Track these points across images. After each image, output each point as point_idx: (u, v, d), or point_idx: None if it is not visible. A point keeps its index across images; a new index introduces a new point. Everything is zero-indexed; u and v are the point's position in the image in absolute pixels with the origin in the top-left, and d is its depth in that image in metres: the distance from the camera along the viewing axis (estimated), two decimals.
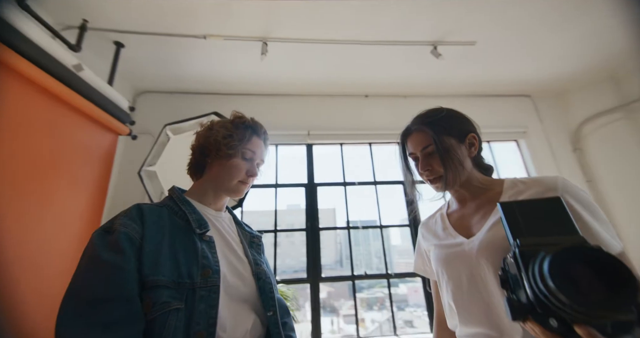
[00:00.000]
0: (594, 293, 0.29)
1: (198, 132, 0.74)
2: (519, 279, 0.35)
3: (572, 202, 0.49)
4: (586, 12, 1.87)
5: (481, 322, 0.53)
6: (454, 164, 0.63)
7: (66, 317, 0.42)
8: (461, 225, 0.65)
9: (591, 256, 0.30)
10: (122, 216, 0.54)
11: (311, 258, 2.30)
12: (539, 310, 0.33)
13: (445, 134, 0.65)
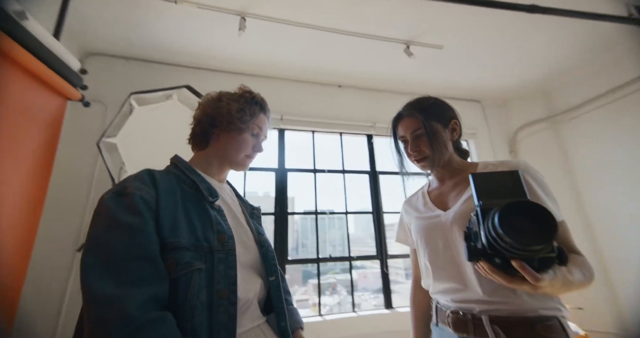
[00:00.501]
0: (528, 235, 0.38)
1: (203, 102, 0.72)
2: (478, 231, 0.45)
3: (530, 179, 0.61)
4: (531, 33, 2.17)
5: (451, 278, 0.63)
6: (440, 146, 0.72)
7: (93, 276, 0.41)
8: (440, 200, 0.75)
9: (528, 209, 0.39)
10: (134, 180, 0.53)
11: (278, 242, 2.33)
12: (489, 251, 0.43)
13: (432, 120, 0.74)
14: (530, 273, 0.40)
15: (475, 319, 0.57)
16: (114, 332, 0.37)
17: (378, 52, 2.37)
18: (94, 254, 0.43)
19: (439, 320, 0.67)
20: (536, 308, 0.54)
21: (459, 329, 0.60)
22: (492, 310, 0.56)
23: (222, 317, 0.48)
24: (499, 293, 0.55)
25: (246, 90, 0.73)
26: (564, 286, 0.46)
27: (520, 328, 0.53)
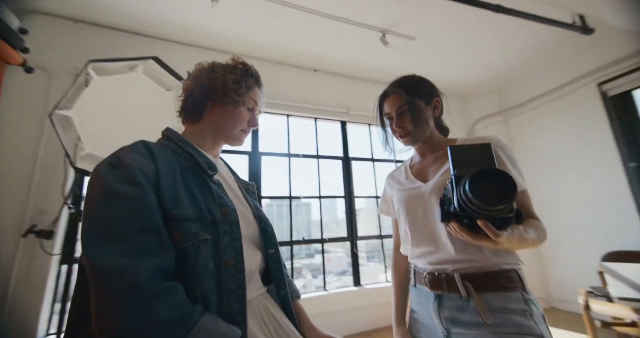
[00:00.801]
0: (493, 197, 0.43)
1: (195, 73, 0.66)
2: (451, 197, 0.50)
3: (500, 152, 0.67)
4: (491, 34, 2.35)
5: (427, 243, 0.70)
6: (422, 122, 0.76)
7: (97, 247, 0.39)
8: (420, 173, 0.80)
9: (493, 175, 0.44)
10: (129, 151, 0.50)
11: None
12: (459, 213, 0.48)
13: (416, 97, 0.76)
14: (492, 230, 0.46)
15: (448, 277, 0.65)
16: (124, 302, 0.36)
17: (355, 38, 2.39)
18: (94, 227, 0.41)
19: (417, 282, 0.74)
20: (498, 264, 0.62)
21: (435, 287, 0.67)
22: (463, 268, 0.64)
23: (231, 285, 0.48)
24: (468, 252, 0.63)
25: (239, 61, 0.69)
26: (520, 242, 0.53)
27: (486, 282, 0.61)
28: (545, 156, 2.84)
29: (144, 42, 2.18)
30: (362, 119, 2.89)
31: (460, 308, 0.62)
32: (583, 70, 2.50)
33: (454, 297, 0.63)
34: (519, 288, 0.61)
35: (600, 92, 2.40)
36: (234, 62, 0.68)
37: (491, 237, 0.47)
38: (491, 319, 0.58)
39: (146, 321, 0.36)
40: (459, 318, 0.62)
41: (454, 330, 0.62)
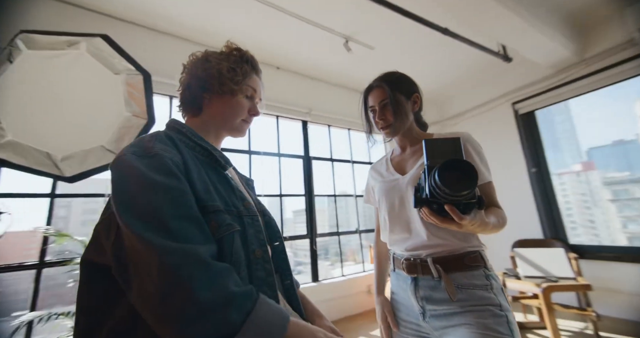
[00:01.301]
0: (458, 184, 0.49)
1: (189, 65, 0.63)
2: (424, 185, 0.56)
3: (470, 147, 0.75)
4: (437, 50, 2.68)
5: (403, 230, 0.77)
6: (402, 115, 0.81)
7: (150, 232, 0.37)
8: (399, 166, 0.86)
9: (459, 165, 0.49)
10: (154, 141, 0.48)
11: None
12: (430, 199, 0.54)
13: (397, 91, 0.82)
14: (457, 213, 0.52)
15: (422, 262, 0.73)
16: (197, 277, 0.36)
17: (320, 41, 2.45)
18: (138, 214, 0.39)
19: (396, 267, 0.82)
20: (465, 247, 0.71)
21: (411, 271, 0.75)
22: (434, 253, 0.72)
23: (261, 273, 0.50)
24: (438, 237, 0.71)
25: (233, 47, 0.65)
26: (481, 226, 0.59)
27: (454, 263, 0.70)
28: None
29: (82, 15, 1.88)
30: (323, 119, 2.97)
31: (433, 287, 0.71)
32: (502, 91, 3.02)
33: (428, 279, 0.72)
34: (481, 267, 0.70)
35: (514, 110, 2.94)
36: (228, 49, 0.65)
37: (456, 220, 0.53)
38: (459, 295, 0.67)
39: (220, 293, 0.37)
40: (432, 296, 0.71)
41: (428, 307, 0.71)
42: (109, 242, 0.43)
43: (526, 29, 2.00)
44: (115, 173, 0.44)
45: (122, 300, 0.42)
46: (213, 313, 0.35)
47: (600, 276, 2.25)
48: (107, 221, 0.46)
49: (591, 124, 2.95)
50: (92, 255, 0.47)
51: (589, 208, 8.38)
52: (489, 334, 0.60)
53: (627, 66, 2.20)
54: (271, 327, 0.38)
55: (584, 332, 2.04)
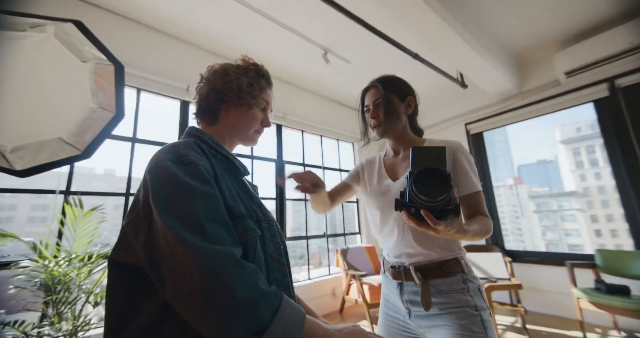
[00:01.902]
0: (431, 191, 0.51)
1: (209, 76, 0.65)
2: (406, 190, 0.57)
3: (461, 157, 0.76)
4: (406, 69, 2.94)
5: (390, 232, 0.80)
6: (393, 115, 0.82)
7: (187, 234, 0.40)
8: (391, 170, 0.87)
9: (434, 173, 0.52)
10: (188, 149, 0.51)
11: None
12: (409, 203, 0.56)
13: (390, 92, 0.84)
14: (431, 218, 0.53)
15: (405, 269, 0.77)
16: (235, 277, 0.40)
17: (299, 49, 2.53)
18: (177, 217, 0.42)
19: (385, 270, 0.86)
20: (444, 255, 0.74)
21: (396, 278, 0.79)
22: (416, 262, 0.76)
23: (277, 275, 0.54)
24: (419, 245, 0.75)
25: (251, 62, 0.69)
26: (459, 232, 0.59)
27: (433, 271, 0.73)
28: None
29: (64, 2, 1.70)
30: (297, 124, 3.03)
31: (416, 292, 0.75)
32: (458, 112, 3.40)
33: (411, 284, 0.76)
34: (459, 272, 0.74)
35: (466, 130, 3.32)
36: (245, 63, 0.69)
37: (430, 225, 0.54)
38: (439, 299, 0.71)
39: (254, 292, 0.41)
40: (415, 300, 0.75)
41: (413, 309, 0.76)
42: (139, 242, 0.45)
43: (481, 62, 2.32)
44: (155, 177, 0.46)
45: (152, 297, 0.44)
46: (248, 310, 0.39)
47: (528, 277, 2.64)
48: (135, 221, 0.47)
49: (522, 145, 3.46)
50: (120, 255, 0.48)
51: (518, 217, 9.62)
52: (465, 334, 0.66)
53: (553, 101, 2.66)
54: (294, 323, 0.43)
55: (514, 325, 2.37)
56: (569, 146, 16.74)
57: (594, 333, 2.14)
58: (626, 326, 2.16)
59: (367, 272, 2.73)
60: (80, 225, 1.31)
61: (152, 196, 0.44)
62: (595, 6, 2.13)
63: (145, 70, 2.09)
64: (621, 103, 2.31)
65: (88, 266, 1.31)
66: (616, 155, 2.34)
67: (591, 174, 16.36)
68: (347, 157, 3.82)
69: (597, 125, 2.48)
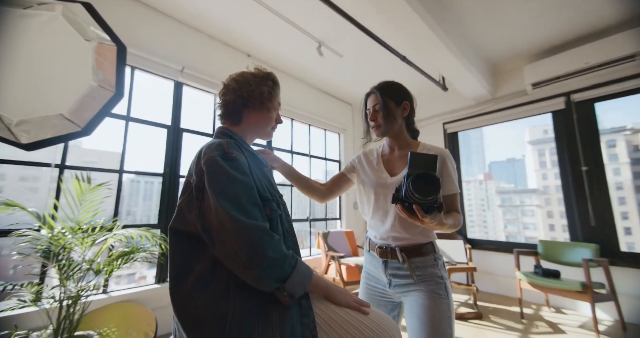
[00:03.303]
0: (425, 191, 0.66)
1: (232, 84, 0.78)
2: (402, 187, 0.71)
3: (449, 163, 0.90)
4: (389, 70, 3.11)
5: (380, 218, 0.95)
6: (390, 118, 0.94)
7: (236, 213, 0.56)
8: (388, 165, 0.99)
9: (428, 177, 0.67)
10: (230, 147, 0.65)
11: (165, 204, 2.18)
12: (404, 198, 0.71)
13: (387, 97, 0.95)
14: (420, 212, 0.69)
15: (392, 249, 0.91)
16: (268, 243, 0.56)
17: (295, 40, 2.60)
18: (227, 200, 0.58)
19: (370, 249, 0.99)
20: (422, 240, 0.90)
21: (383, 256, 0.94)
22: (401, 244, 0.91)
23: (290, 243, 0.71)
24: (404, 230, 0.90)
25: (265, 72, 0.83)
26: (439, 225, 0.74)
27: (413, 251, 0.89)
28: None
29: None
30: (287, 113, 3.14)
31: (398, 268, 0.91)
32: (437, 111, 3.66)
33: (395, 262, 0.92)
34: (432, 253, 0.91)
35: (443, 129, 3.59)
36: (260, 72, 0.83)
37: (419, 217, 0.70)
38: (417, 272, 0.89)
39: (280, 253, 0.58)
40: (397, 273, 0.91)
41: (394, 280, 0.92)
42: (192, 215, 0.61)
43: (461, 68, 2.54)
44: (210, 169, 0.61)
45: (204, 254, 0.60)
46: (276, 265, 0.57)
47: (483, 262, 3.03)
48: (188, 200, 0.62)
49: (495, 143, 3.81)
50: (178, 225, 0.63)
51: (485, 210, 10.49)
52: (433, 295, 0.84)
53: (520, 108, 2.96)
54: (305, 275, 0.62)
55: (467, 302, 2.75)
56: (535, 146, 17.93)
57: (529, 309, 2.55)
58: (555, 304, 2.60)
59: (346, 254, 2.99)
60: (86, 198, 1.40)
61: (209, 182, 0.59)
62: (561, 27, 2.40)
63: (141, 49, 2.10)
64: (573, 115, 2.65)
65: (92, 237, 1.41)
66: (564, 160, 2.71)
67: (552, 174, 17.62)
68: (333, 147, 4.00)
69: (553, 132, 2.82)
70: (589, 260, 2.07)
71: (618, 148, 7.30)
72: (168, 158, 2.23)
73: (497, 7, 2.19)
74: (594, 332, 2.00)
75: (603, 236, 2.42)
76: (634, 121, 4.16)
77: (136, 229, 1.72)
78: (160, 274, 2.14)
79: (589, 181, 2.53)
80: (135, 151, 2.11)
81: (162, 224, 2.15)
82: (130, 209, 5.45)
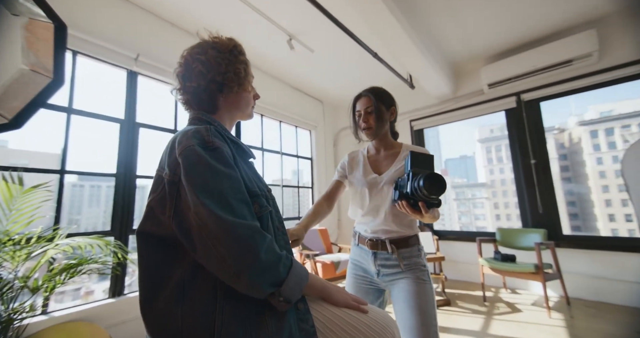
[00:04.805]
0: (433, 188, 0.73)
1: (200, 69, 0.64)
2: (405, 185, 0.79)
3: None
4: (360, 65, 3.15)
5: (372, 214, 1.00)
6: (381, 121, 1.01)
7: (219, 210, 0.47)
8: (375, 165, 1.06)
9: (435, 176, 0.74)
10: (210, 135, 0.55)
11: (119, 208, 1.93)
12: (410, 196, 0.78)
13: (380, 102, 1.02)
14: (425, 208, 0.78)
15: (381, 241, 0.98)
16: (261, 244, 0.48)
17: (264, 31, 2.48)
18: (210, 196, 0.48)
19: (359, 243, 1.05)
20: (409, 232, 0.98)
21: (373, 248, 0.99)
22: (390, 236, 0.98)
23: (282, 242, 0.64)
24: (393, 224, 0.97)
25: (229, 42, 0.69)
26: (431, 218, 0.84)
27: (402, 243, 0.97)
28: None
29: None
30: (257, 108, 2.99)
31: (387, 258, 0.98)
32: (405, 109, 3.79)
33: (384, 253, 0.98)
34: (416, 244, 1.00)
35: (410, 126, 3.74)
36: (222, 44, 0.68)
37: (422, 213, 0.79)
38: (404, 262, 0.96)
39: (274, 255, 0.50)
40: (386, 263, 0.98)
41: (382, 270, 0.98)
42: (166, 216, 0.51)
43: (427, 67, 2.65)
44: (188, 160, 0.51)
45: (182, 260, 0.51)
46: (270, 268, 0.49)
47: (448, 251, 3.22)
48: (160, 198, 0.52)
49: (450, 141, 4.09)
50: (149, 228, 0.53)
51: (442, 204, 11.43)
52: (418, 281, 0.93)
53: (478, 107, 3.19)
54: (302, 277, 0.55)
55: (436, 290, 2.89)
56: (484, 144, 19.92)
57: (490, 292, 2.77)
58: (511, 285, 2.85)
59: (320, 252, 2.96)
60: (18, 203, 1.15)
61: (186, 176, 0.50)
62: (513, 32, 2.63)
63: (87, 31, 1.83)
64: (523, 114, 2.92)
65: (26, 249, 1.17)
66: (516, 155, 2.98)
67: (497, 169, 19.81)
68: (305, 144, 3.94)
69: (506, 129, 3.09)
70: (540, 243, 2.30)
71: (548, 145, 8.49)
72: (122, 156, 1.98)
73: (460, 11, 2.31)
74: (544, 308, 2.23)
75: (549, 222, 2.72)
76: (560, 121, 4.81)
77: (85, 237, 1.50)
78: (115, 286, 1.89)
79: (537, 173, 2.82)
80: (80, 150, 1.83)
81: (117, 231, 1.90)
82: (72, 217, 4.77)
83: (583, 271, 2.50)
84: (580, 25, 2.55)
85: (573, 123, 14.12)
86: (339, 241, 3.95)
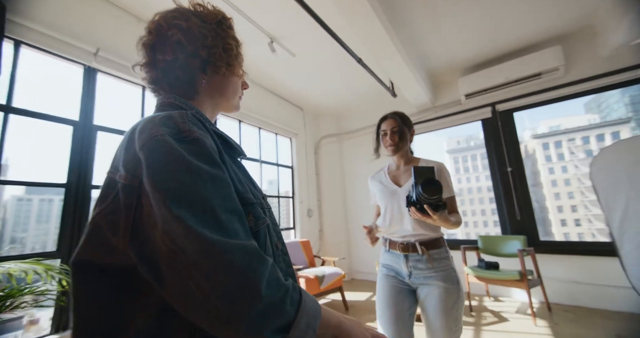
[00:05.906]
0: (429, 190, 0.90)
1: (179, 39, 0.48)
2: (412, 194, 0.96)
3: (445, 172, 1.15)
4: (345, 73, 3.11)
5: (397, 223, 1.14)
6: (405, 141, 1.20)
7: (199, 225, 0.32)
8: (395, 179, 1.23)
9: (433, 182, 0.91)
10: (187, 122, 0.40)
11: (69, 225, 1.64)
12: (416, 202, 0.95)
13: (404, 124, 1.20)
14: (431, 210, 0.92)
15: (411, 244, 1.10)
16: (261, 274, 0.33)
17: (243, 32, 2.35)
18: (187, 206, 0.33)
19: (390, 248, 1.16)
20: (435, 235, 1.10)
21: (405, 250, 1.11)
22: (419, 239, 1.10)
23: (282, 265, 0.49)
24: (420, 229, 1.09)
25: (215, 10, 0.55)
26: (445, 222, 0.99)
27: (431, 244, 1.08)
28: (357, 169, 4.01)
29: None
30: (235, 115, 2.81)
31: (418, 260, 1.09)
32: None
33: (415, 255, 1.09)
34: (444, 246, 1.11)
35: None
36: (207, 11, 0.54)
37: (430, 215, 0.94)
38: (434, 263, 1.07)
39: (278, 287, 0.35)
40: (417, 265, 1.09)
41: (414, 272, 1.09)
42: (119, 237, 0.34)
43: (409, 76, 2.66)
44: (153, 155, 0.35)
45: (143, 303, 0.34)
46: (274, 307, 0.34)
47: None
48: (111, 211, 0.36)
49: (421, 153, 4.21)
50: (92, 255, 0.36)
51: None
52: (450, 281, 1.04)
53: (456, 117, 3.27)
54: (314, 314, 0.39)
55: None
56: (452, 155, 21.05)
57: (474, 300, 2.75)
58: (493, 293, 2.86)
59: (303, 266, 2.77)
60: None
61: (151, 179, 0.34)
62: (489, 45, 2.74)
63: (34, 19, 1.58)
64: (498, 123, 3.03)
65: None
66: (494, 163, 3.06)
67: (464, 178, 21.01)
68: (285, 152, 3.79)
69: (473, 140, 3.19)
70: (522, 250, 2.32)
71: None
72: (75, 163, 1.70)
73: (442, 23, 2.36)
74: (529, 315, 2.23)
75: (527, 228, 2.79)
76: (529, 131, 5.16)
77: (19, 262, 1.22)
78: (60, 320, 1.58)
79: (514, 180, 2.90)
80: (24, 157, 1.54)
81: (65, 252, 1.61)
82: (17, 235, 4.13)
83: (559, 276, 2.56)
84: (549, 41, 2.72)
85: (528, 136, 15.45)
86: (321, 254, 3.79)
